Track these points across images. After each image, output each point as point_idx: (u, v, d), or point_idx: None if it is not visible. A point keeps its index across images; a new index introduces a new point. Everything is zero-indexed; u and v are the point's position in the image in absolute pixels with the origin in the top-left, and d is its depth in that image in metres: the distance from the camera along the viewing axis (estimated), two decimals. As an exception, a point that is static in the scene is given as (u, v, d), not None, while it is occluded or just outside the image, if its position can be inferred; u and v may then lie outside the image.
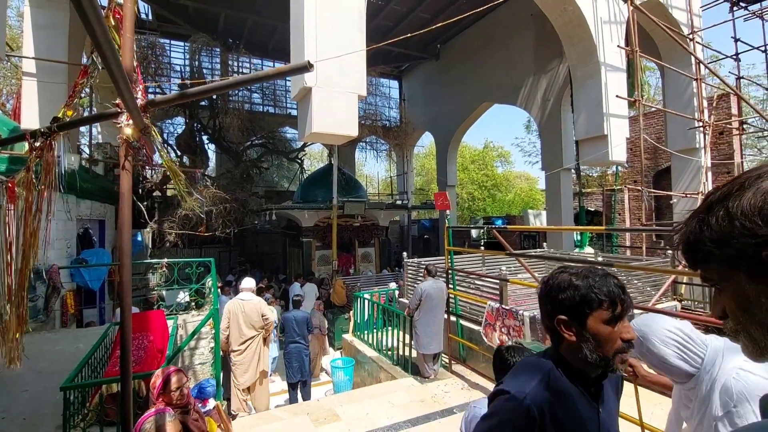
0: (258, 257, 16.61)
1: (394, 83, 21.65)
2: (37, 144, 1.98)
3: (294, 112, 19.52)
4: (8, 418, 3.41)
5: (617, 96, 7.17)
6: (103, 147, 10.18)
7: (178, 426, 1.85)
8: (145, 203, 11.26)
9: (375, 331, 5.82)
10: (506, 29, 14.47)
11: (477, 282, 5.93)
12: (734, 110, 11.28)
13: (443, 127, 17.73)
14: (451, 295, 5.17)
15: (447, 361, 5.16)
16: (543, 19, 12.93)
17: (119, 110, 1.72)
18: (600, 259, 6.09)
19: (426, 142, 31.36)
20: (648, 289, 6.22)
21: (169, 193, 11.79)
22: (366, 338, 6.04)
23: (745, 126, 10.18)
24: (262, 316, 4.27)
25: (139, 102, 1.74)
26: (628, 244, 14.00)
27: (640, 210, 14.78)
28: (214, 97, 13.45)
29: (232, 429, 2.17)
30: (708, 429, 1.20)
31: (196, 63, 13.86)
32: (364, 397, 4.40)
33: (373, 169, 39.06)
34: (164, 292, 9.03)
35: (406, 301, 6.49)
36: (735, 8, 9.70)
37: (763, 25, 10.05)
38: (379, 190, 22.37)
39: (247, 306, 4.29)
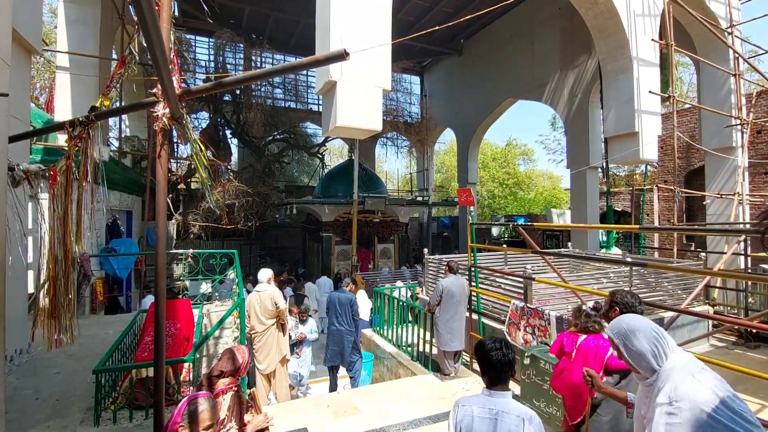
0: (278, 251, 16.86)
1: (416, 79, 21.51)
2: (75, 133, 2.04)
3: (315, 108, 19.64)
4: (41, 398, 3.55)
5: (650, 92, 6.90)
6: (131, 140, 10.47)
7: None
8: (170, 195, 11.57)
9: (395, 326, 5.81)
10: (532, 23, 14.14)
11: (499, 280, 5.84)
12: (775, 107, 10.72)
13: (465, 123, 17.50)
14: (473, 293, 5.10)
15: (468, 359, 5.10)
16: (570, 12, 12.62)
17: (156, 99, 1.75)
18: (629, 259, 5.89)
19: (446, 138, 31.10)
20: (679, 292, 6.00)
21: (193, 186, 12.04)
22: (385, 333, 6.03)
23: (786, 124, 9.64)
24: (275, 305, 4.36)
25: (177, 91, 1.76)
26: (656, 245, 13.54)
27: (669, 211, 14.25)
28: (238, 92, 13.68)
29: (264, 415, 2.20)
30: (653, 414, 1.40)
31: (221, 58, 14.10)
32: (383, 392, 4.39)
33: (393, 165, 39.00)
34: (187, 282, 9.27)
35: (426, 298, 6.45)
36: (779, -1, 9.18)
37: (809, 17, 9.49)
38: (398, 186, 22.30)
39: (263, 296, 4.39)
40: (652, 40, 7.07)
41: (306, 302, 6.00)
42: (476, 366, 5.00)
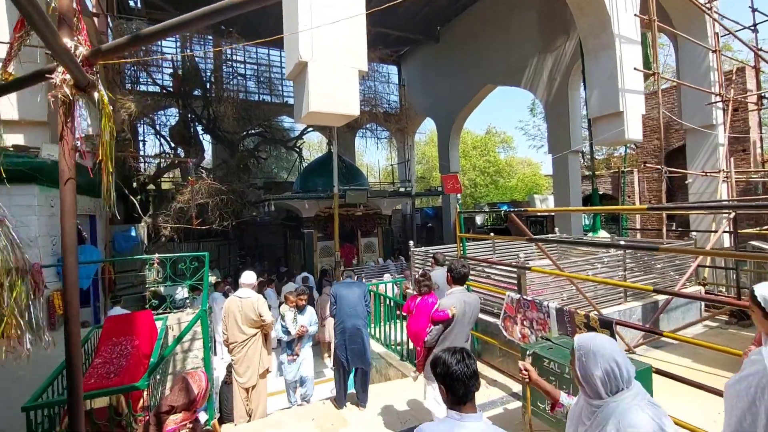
0: (259, 250, 16.26)
1: (393, 69, 21.09)
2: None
3: (291, 100, 18.99)
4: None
5: (635, 69, 6.71)
6: (92, 139, 9.76)
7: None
8: (139, 197, 10.90)
9: (383, 324, 5.49)
10: (508, 8, 13.88)
11: (488, 270, 5.58)
12: (750, 85, 10.79)
13: (444, 112, 17.23)
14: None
15: (461, 356, 4.83)
16: (547, -5, 12.42)
17: (53, 66, 1.34)
18: (622, 243, 5.71)
19: (426, 128, 30.82)
20: (671, 273, 5.87)
21: (164, 186, 11.40)
22: (373, 332, 5.71)
23: (763, 101, 9.68)
24: (259, 316, 3.91)
25: (80, 51, 1.35)
26: (638, 227, 13.63)
27: (650, 192, 14.37)
28: (207, 85, 13.00)
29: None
30: None
31: (188, 50, 13.35)
32: (373, 397, 4.08)
33: (373, 157, 38.53)
34: (162, 289, 8.73)
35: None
36: (753, -25, 9.14)
37: (782, -7, 9.52)
38: (380, 178, 21.92)
39: (245, 303, 3.93)
40: (635, 15, 6.85)
41: (302, 288, 5.03)
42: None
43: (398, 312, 5.46)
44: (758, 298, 1.68)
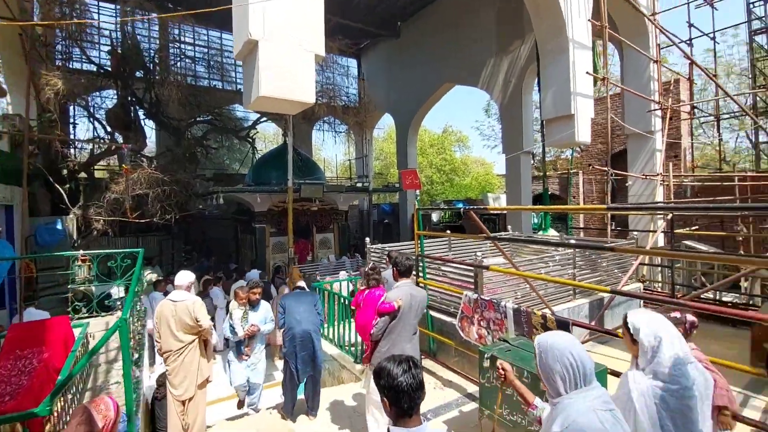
0: (206, 245, 15.34)
1: (353, 62, 20.74)
2: None
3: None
4: None
5: (587, 73, 6.95)
6: (10, 119, 8.62)
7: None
8: (68, 185, 9.83)
9: (336, 325, 5.26)
10: (468, 8, 14.04)
11: (444, 268, 5.53)
12: (683, 96, 11.67)
13: (404, 108, 17.18)
14: (420, 285, 4.69)
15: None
16: (505, -2, 12.68)
17: None
18: (572, 241, 5.89)
19: (384, 124, 30.75)
20: (615, 270, 6.13)
21: (98, 174, 10.37)
22: (326, 333, 5.48)
23: (695, 111, 10.48)
24: (196, 321, 3.54)
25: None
26: (582, 225, 14.39)
27: (593, 193, 15.23)
28: (151, 67, 11.98)
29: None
30: None
31: (129, 28, 12.24)
32: (325, 403, 3.86)
33: (331, 151, 37.92)
34: (93, 288, 7.91)
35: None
36: (690, -6, 9.84)
37: (712, 13, 10.33)
38: (337, 173, 21.52)
39: (179, 307, 3.51)
40: (588, 20, 7.08)
41: (255, 281, 4.46)
42: (426, 363, 4.63)
43: (353, 311, 5.26)
44: (629, 325, 1.81)
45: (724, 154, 11.55)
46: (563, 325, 2.91)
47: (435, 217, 19.35)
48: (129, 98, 11.74)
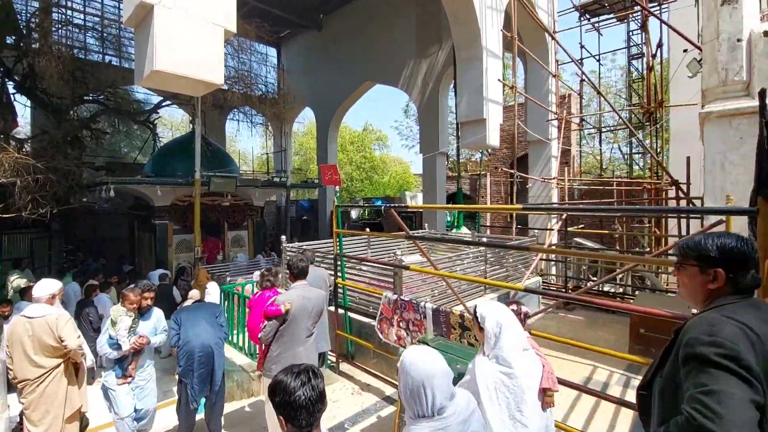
0: (96, 244, 13.36)
1: (273, 51, 19.74)
2: None
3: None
4: None
5: (498, 80, 7.41)
6: None
7: None
8: None
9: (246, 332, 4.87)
10: (390, 8, 14.18)
11: (362, 267, 5.46)
12: (573, 109, 13.18)
13: (325, 103, 16.84)
14: (339, 286, 4.55)
15: (334, 360, 4.57)
16: (423, 3, 13.07)
17: None
18: (484, 239, 6.24)
19: (304, 118, 29.93)
20: (520, 266, 6.64)
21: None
22: (235, 340, 5.05)
23: (583, 123, 11.88)
24: (59, 340, 2.85)
25: None
26: (488, 223, 15.52)
27: (498, 193, 16.53)
28: (25, 32, 9.99)
29: None
30: None
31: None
32: (231, 424, 3.53)
33: (247, 144, 35.81)
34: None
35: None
36: (582, 19, 11.12)
37: (598, 37, 11.82)
38: (254, 167, 20.35)
39: (37, 325, 2.85)
40: (501, 30, 7.56)
41: (147, 283, 3.64)
42: (343, 367, 4.51)
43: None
44: (477, 315, 1.99)
45: (601, 162, 13.30)
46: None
47: (354, 214, 19.33)
48: (-3, 69, 9.68)
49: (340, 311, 4.57)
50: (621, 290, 8.14)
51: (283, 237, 6.28)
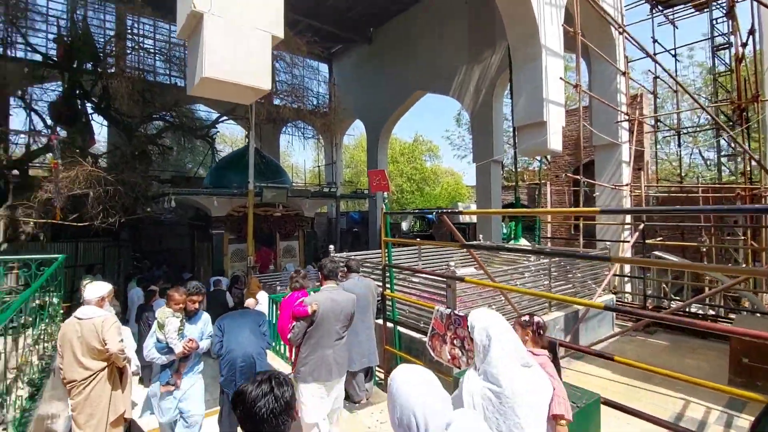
0: (163, 254, 14.25)
1: (324, 67, 20.33)
2: None
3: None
4: None
5: (561, 78, 6.83)
6: None
7: None
8: (-4, 183, 8.77)
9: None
10: (440, 16, 14.02)
11: (412, 279, 5.11)
12: (645, 111, 11.99)
13: (375, 115, 16.90)
14: (387, 298, 4.24)
15: (382, 377, 4.24)
16: (476, 6, 12.72)
17: None
18: (548, 250, 5.65)
19: (356, 132, 30.44)
20: (589, 281, 5.93)
21: (32, 172, 9.31)
22: (281, 350, 4.91)
23: (658, 124, 10.74)
24: (103, 343, 2.87)
25: None
26: (549, 235, 14.46)
27: (560, 203, 15.40)
28: (102, 56, 11.04)
29: None
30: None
31: (80, 14, 11.28)
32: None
33: (300, 157, 37.08)
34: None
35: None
36: (654, 11, 10.13)
37: (673, 31, 10.70)
38: (305, 180, 20.88)
39: (86, 327, 2.85)
40: (562, 25, 6.99)
41: (196, 285, 3.50)
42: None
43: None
44: (468, 324, 1.86)
45: (681, 167, 11.91)
46: (550, 345, 2.54)
47: (405, 225, 19.05)
48: (76, 91, 10.74)
49: (389, 325, 4.25)
50: (712, 312, 7.02)
51: (332, 246, 6.12)
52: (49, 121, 10.15)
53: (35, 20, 12.42)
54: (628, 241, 6.54)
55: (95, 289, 3.10)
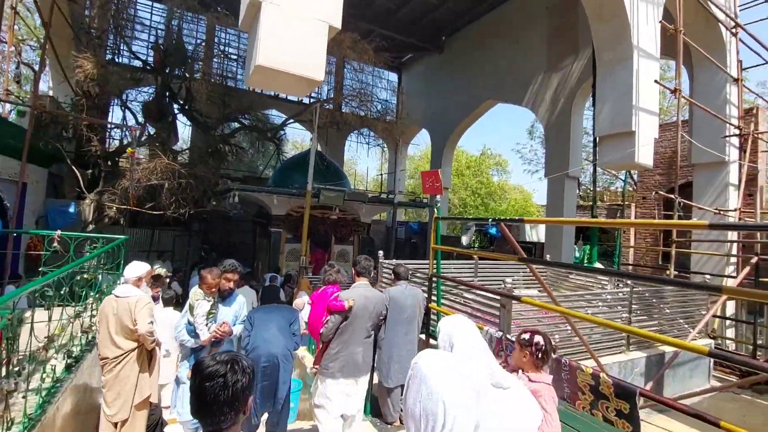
0: (228, 247, 15.07)
1: (393, 76, 20.44)
2: None
3: (283, 95, 18.06)
4: None
5: (656, 81, 5.93)
6: (41, 99, 8.66)
7: None
8: (91, 171, 9.76)
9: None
10: (518, 22, 13.34)
11: (467, 295, 4.61)
12: (761, 127, 10.18)
13: (441, 124, 16.51)
14: (433, 311, 3.81)
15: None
16: (559, 11, 11.86)
17: None
18: (625, 276, 4.83)
19: (421, 142, 30.25)
20: (679, 320, 4.95)
21: (121, 163, 10.27)
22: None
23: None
24: (134, 321, 2.77)
25: None
26: (631, 262, 12.83)
27: (646, 229, 13.63)
28: (189, 60, 12.01)
29: None
30: None
31: (175, 25, 12.42)
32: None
33: (364, 166, 37.74)
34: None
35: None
36: (778, 9, 8.58)
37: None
38: (366, 187, 21.03)
39: (121, 305, 2.81)
40: (660, 21, 6.10)
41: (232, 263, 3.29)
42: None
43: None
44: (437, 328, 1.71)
45: (809, 196, 9.87)
46: (626, 394, 1.98)
47: (465, 240, 18.22)
48: (166, 93, 11.79)
49: (432, 341, 3.81)
50: None
51: (381, 252, 5.82)
52: (141, 119, 11.19)
53: (137, 29, 13.98)
54: (734, 277, 5.40)
55: (134, 268, 3.09)
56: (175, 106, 12.16)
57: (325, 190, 9.52)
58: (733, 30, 7.36)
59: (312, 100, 14.98)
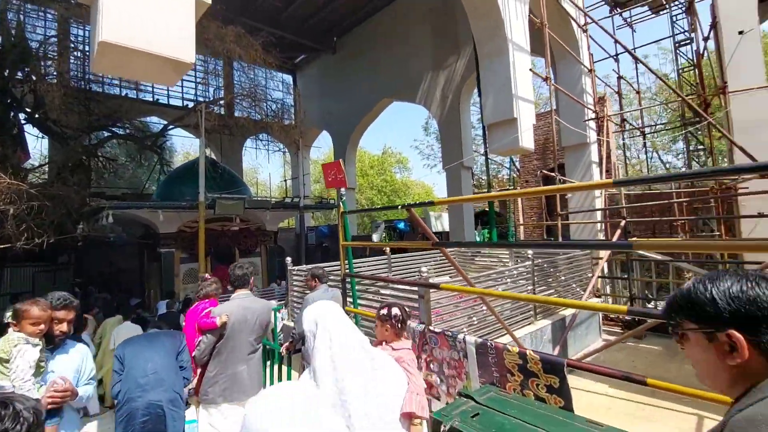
0: (112, 277, 12.87)
1: (288, 78, 19.75)
2: None
3: (163, 99, 16.15)
4: None
5: (530, 70, 6.49)
6: None
7: None
8: None
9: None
10: (405, 23, 13.82)
11: (383, 291, 4.47)
12: (611, 111, 12.02)
13: (341, 125, 16.39)
14: (350, 313, 3.56)
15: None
16: (440, 13, 12.55)
17: None
18: (531, 254, 5.16)
19: (323, 144, 29.84)
20: (573, 285, 5.47)
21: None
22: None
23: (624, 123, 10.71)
24: None
25: None
26: (522, 239, 14.19)
27: (532, 209, 15.26)
28: (33, 59, 9.93)
29: None
30: None
31: (12, 18, 10.18)
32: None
33: (267, 174, 36.00)
34: None
35: (291, 324, 4.73)
36: (613, 12, 10.20)
37: (632, 33, 10.82)
38: (270, 195, 19.96)
39: None
40: (530, 14, 6.70)
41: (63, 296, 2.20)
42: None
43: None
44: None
45: (648, 168, 11.97)
46: (554, 367, 1.96)
47: (376, 237, 18.37)
48: (7, 100, 9.58)
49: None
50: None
51: (289, 259, 5.39)
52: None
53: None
54: (609, 240, 6.17)
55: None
56: (21, 115, 9.99)
57: (220, 199, 8.64)
58: (584, 27, 8.46)
59: (196, 103, 13.61)
